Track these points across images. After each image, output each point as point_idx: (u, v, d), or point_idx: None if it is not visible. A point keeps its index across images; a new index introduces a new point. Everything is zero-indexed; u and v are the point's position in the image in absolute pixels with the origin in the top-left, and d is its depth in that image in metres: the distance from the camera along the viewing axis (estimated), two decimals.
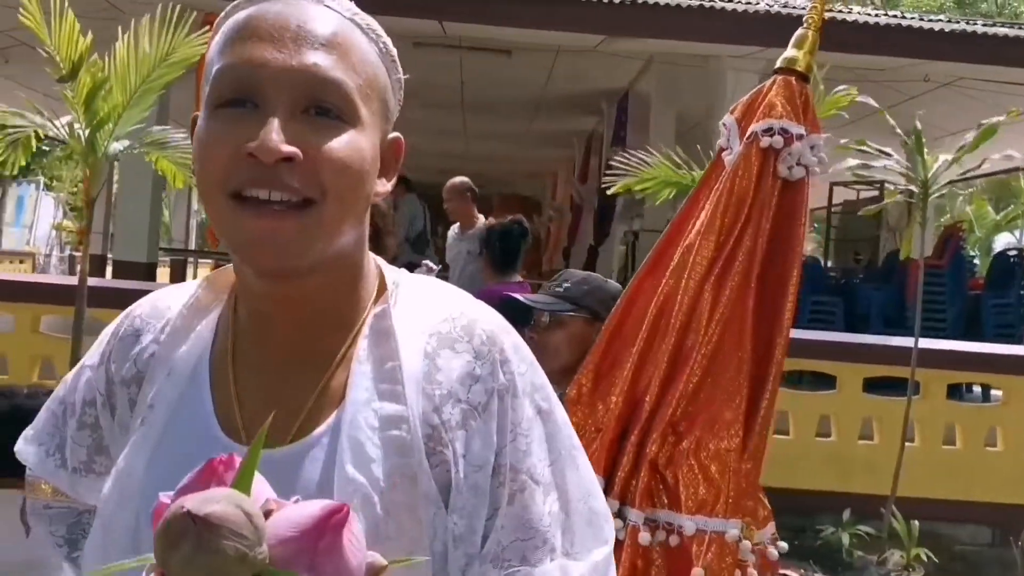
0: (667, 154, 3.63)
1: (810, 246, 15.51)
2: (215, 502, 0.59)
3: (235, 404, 0.83)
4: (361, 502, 0.76)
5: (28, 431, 1.01)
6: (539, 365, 0.89)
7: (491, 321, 0.86)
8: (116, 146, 3.91)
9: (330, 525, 0.61)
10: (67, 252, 19.71)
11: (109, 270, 8.36)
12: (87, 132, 3.77)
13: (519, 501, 0.81)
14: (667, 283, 1.87)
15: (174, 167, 4.17)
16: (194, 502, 0.59)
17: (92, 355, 0.94)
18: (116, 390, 0.90)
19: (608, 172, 3.80)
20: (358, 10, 0.84)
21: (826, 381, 5.56)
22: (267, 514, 0.62)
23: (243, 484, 0.63)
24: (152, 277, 7.45)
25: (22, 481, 2.12)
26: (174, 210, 16.87)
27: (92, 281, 4.21)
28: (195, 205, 20.36)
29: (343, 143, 0.76)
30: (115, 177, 8.64)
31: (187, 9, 3.77)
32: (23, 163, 4.12)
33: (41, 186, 23.48)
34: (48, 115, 3.94)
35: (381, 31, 0.85)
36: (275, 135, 0.73)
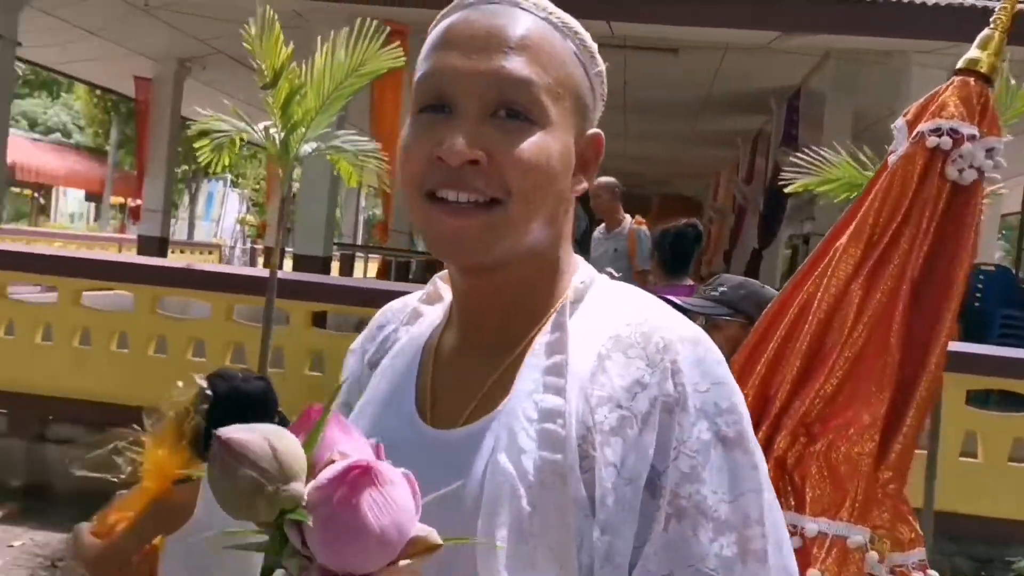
0: (852, 152, 3.46)
1: (997, 254, 14.35)
2: (248, 431, 0.62)
3: (428, 386, 0.88)
4: (508, 493, 0.75)
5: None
6: (737, 389, 0.82)
7: (675, 331, 0.80)
8: (306, 148, 4.17)
9: (347, 479, 0.62)
10: (248, 244, 21.13)
11: (288, 263, 8.90)
12: (282, 135, 4.04)
13: (676, 530, 0.75)
14: (813, 283, 1.83)
15: (351, 168, 4.42)
16: (232, 430, 0.62)
17: (356, 343, 1.04)
18: (365, 372, 0.98)
19: (784, 171, 3.67)
20: (553, 8, 0.84)
21: (1018, 401, 5.15)
22: (329, 463, 0.64)
23: (313, 434, 0.65)
24: (327, 270, 7.89)
25: None
26: (344, 208, 17.74)
27: (280, 274, 4.51)
28: (363, 203, 21.39)
29: (529, 144, 0.78)
30: (294, 176, 9.19)
31: (373, 20, 3.98)
32: (226, 165, 4.48)
33: (228, 183, 25.32)
34: (248, 119, 4.25)
35: (578, 27, 0.85)
36: (460, 140, 0.77)
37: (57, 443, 5.17)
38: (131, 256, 9.85)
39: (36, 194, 24.66)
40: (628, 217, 5.92)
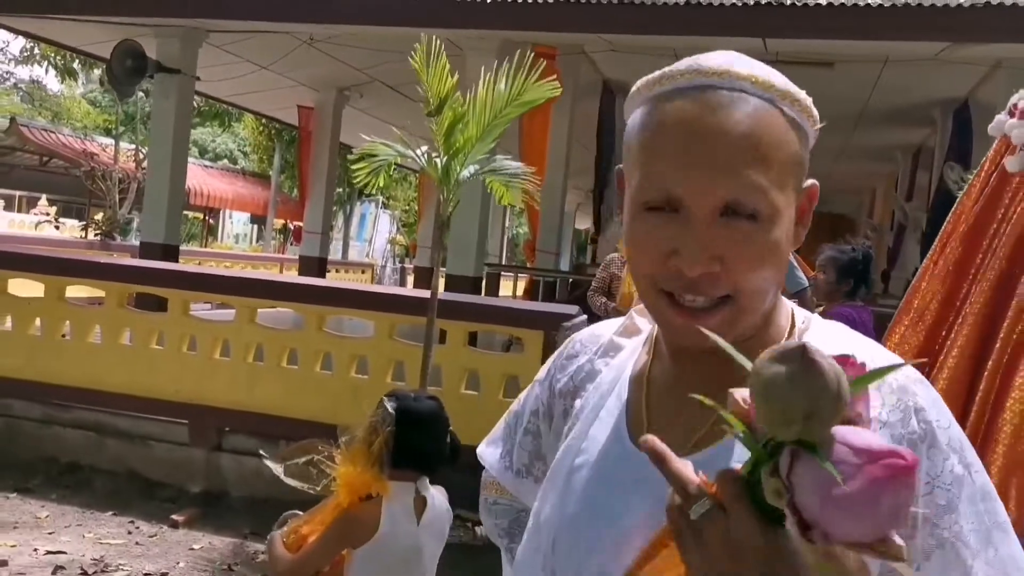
0: None
1: None
2: (830, 356, 0.61)
3: (644, 419, 0.91)
4: None
5: (490, 436, 1.19)
6: (956, 424, 0.84)
7: (905, 373, 0.84)
8: (465, 173, 4.30)
9: (888, 462, 0.59)
10: (398, 264, 21.88)
11: (441, 282, 9.16)
12: (444, 160, 4.18)
13: (939, 559, 0.79)
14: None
15: (503, 188, 4.53)
16: (819, 349, 0.61)
17: (541, 372, 1.09)
18: (555, 402, 1.03)
19: (957, 185, 3.46)
20: (775, 80, 0.84)
21: None
22: (849, 421, 0.62)
23: (860, 382, 0.64)
24: (478, 290, 8.06)
25: (416, 474, 2.40)
26: (491, 227, 18.07)
27: (441, 295, 4.65)
28: (507, 222, 21.76)
29: (758, 245, 0.81)
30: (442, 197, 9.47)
31: (528, 51, 4.08)
32: (381, 186, 4.70)
33: (380, 204, 26.35)
34: (409, 142, 4.44)
35: (795, 91, 0.84)
36: (696, 253, 0.80)
37: (232, 453, 5.52)
38: (300, 277, 10.39)
39: (206, 217, 26.47)
40: None
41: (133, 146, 17.45)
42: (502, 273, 13.95)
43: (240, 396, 5.49)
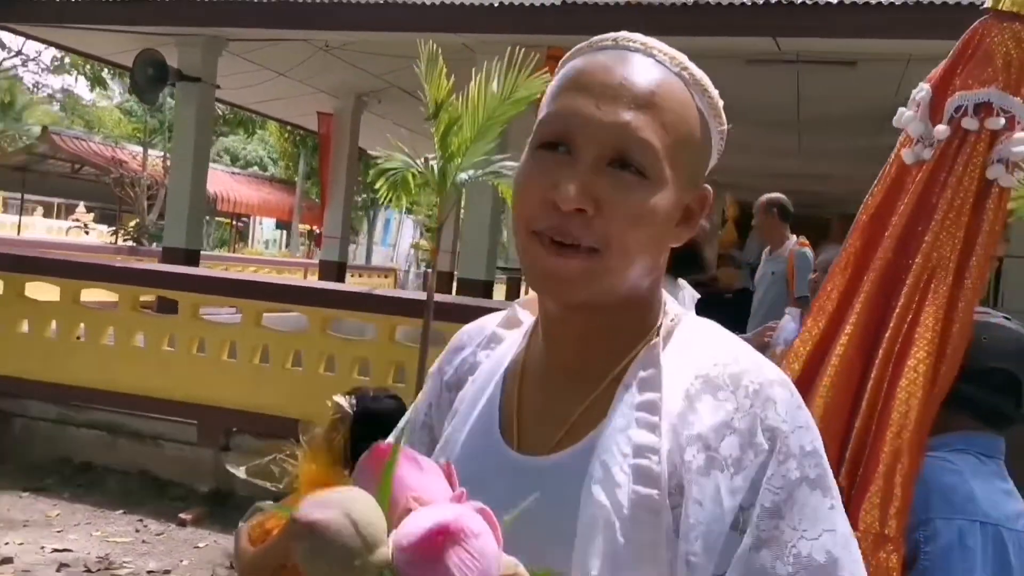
0: None
1: None
2: (326, 507, 0.63)
3: (514, 410, 0.90)
4: (603, 525, 0.78)
5: (395, 431, 1.17)
6: (816, 431, 0.83)
7: (764, 375, 0.82)
8: (463, 176, 4.33)
9: (433, 544, 0.62)
10: (422, 269, 21.99)
11: (455, 286, 9.20)
12: (440, 164, 4.21)
13: (756, 560, 0.77)
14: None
15: (510, 190, 4.52)
16: (308, 506, 0.63)
17: (435, 365, 1.09)
18: (443, 394, 1.02)
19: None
20: (687, 63, 0.85)
21: None
22: (406, 512, 0.64)
23: (384, 484, 0.65)
24: (489, 294, 8.07)
25: None
26: (513, 231, 18.11)
27: (437, 297, 4.68)
28: None
29: (637, 201, 0.79)
30: (462, 202, 9.52)
31: (531, 50, 4.09)
32: (405, 201, 4.71)
33: (403, 210, 26.52)
34: (410, 152, 4.48)
35: (708, 85, 0.86)
36: (572, 187, 0.78)
37: (239, 452, 5.59)
38: (302, 280, 10.47)
39: (235, 222, 26.83)
40: (793, 238, 5.64)
41: (161, 154, 17.74)
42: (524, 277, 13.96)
43: (247, 397, 5.56)
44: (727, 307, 6.09)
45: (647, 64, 0.82)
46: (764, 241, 5.92)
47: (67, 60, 18.61)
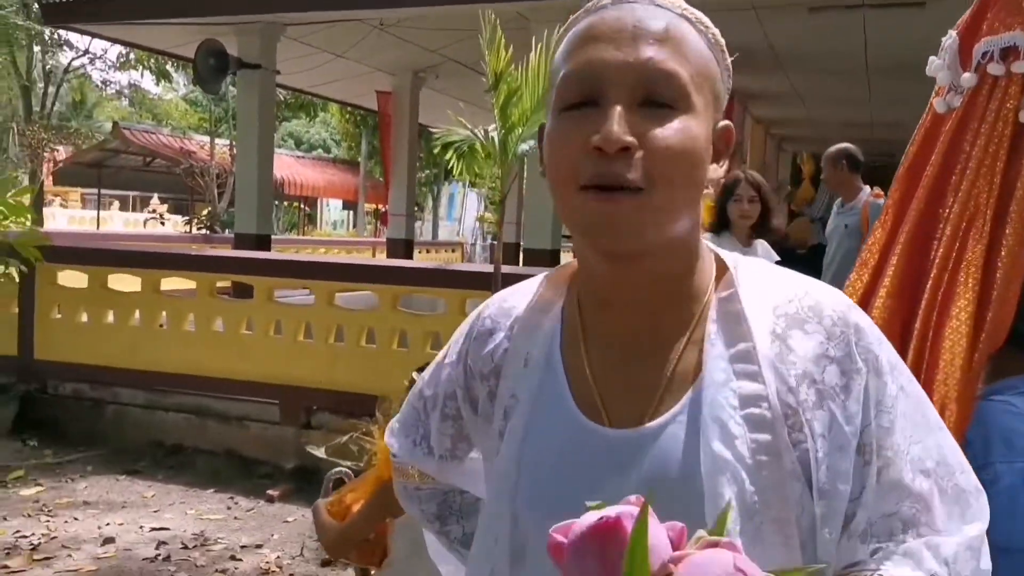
0: None
1: None
2: None
3: (592, 387, 0.88)
4: (729, 478, 0.80)
5: (394, 424, 1.15)
6: (888, 342, 0.88)
7: (839, 301, 0.86)
8: (523, 147, 4.30)
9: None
10: (488, 241, 22.07)
11: (521, 257, 9.21)
12: (501, 135, 4.20)
13: (885, 478, 0.83)
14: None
15: None
16: None
17: (449, 354, 1.04)
18: (475, 384, 0.98)
19: None
20: (686, 6, 0.88)
21: None
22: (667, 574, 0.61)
23: (638, 550, 0.61)
24: (556, 262, 8.06)
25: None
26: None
27: (505, 268, 4.69)
28: None
29: (676, 130, 0.80)
30: (525, 173, 9.50)
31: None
32: (477, 171, 4.70)
33: (467, 184, 26.62)
34: (471, 125, 4.47)
35: (709, 23, 0.88)
36: (616, 126, 0.79)
37: (320, 430, 5.74)
38: (370, 259, 10.58)
39: (303, 206, 27.30)
40: (867, 189, 5.46)
41: (228, 142, 18.12)
42: None
43: (324, 376, 5.69)
44: (798, 264, 5.94)
45: (651, 9, 0.85)
46: (835, 194, 5.76)
47: (132, 56, 19.11)
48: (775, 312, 0.84)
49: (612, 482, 0.82)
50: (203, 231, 16.86)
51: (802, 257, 6.82)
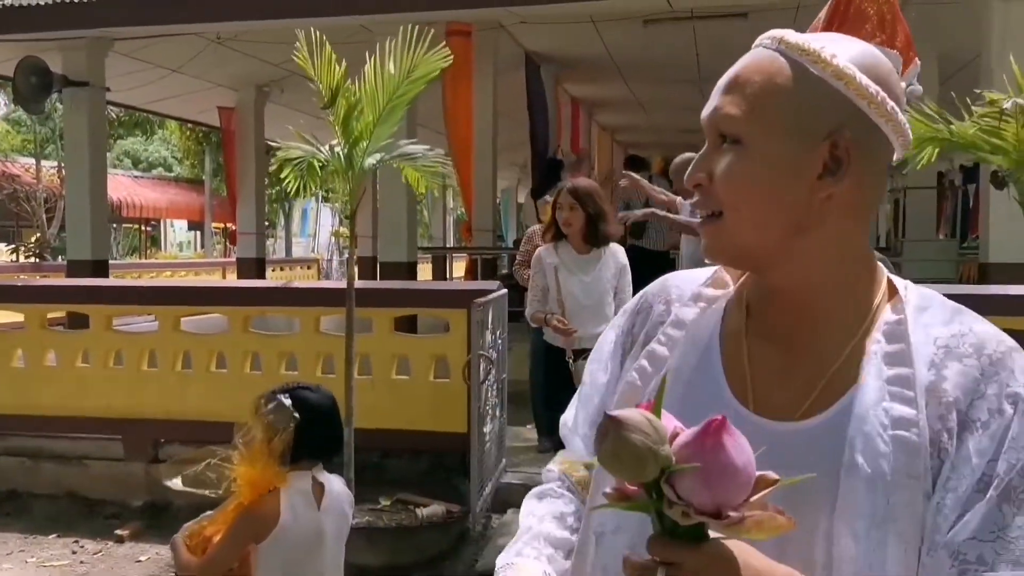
0: (917, 106, 3.25)
1: None
2: (629, 411, 0.77)
3: (747, 375, 0.96)
4: (866, 490, 0.86)
5: (569, 421, 1.12)
6: None
7: (1003, 343, 0.91)
8: (370, 161, 4.26)
9: (712, 429, 0.75)
10: (344, 256, 21.70)
11: (379, 270, 9.11)
12: (345, 150, 4.14)
13: (993, 504, 0.85)
14: None
15: (418, 175, 4.44)
16: (615, 411, 0.77)
17: (615, 325, 1.12)
18: (638, 354, 1.04)
19: None
20: (784, 34, 0.94)
21: None
22: (674, 436, 0.77)
23: (657, 406, 0.79)
24: (413, 275, 8.03)
25: (312, 463, 2.41)
26: (432, 210, 17.96)
27: (359, 283, 4.63)
28: (450, 204, 21.69)
29: (730, 164, 0.92)
30: (377, 187, 9.40)
31: (426, 26, 4.02)
32: (315, 189, 4.60)
33: (320, 199, 26.09)
34: (314, 140, 4.38)
35: (805, 43, 0.93)
36: (692, 169, 0.96)
37: (170, 462, 5.46)
38: (217, 280, 10.23)
39: (145, 228, 25.95)
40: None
41: (56, 164, 17.03)
42: (454, 255, 13.89)
43: (172, 405, 5.43)
44: (656, 263, 6.20)
45: (746, 55, 0.96)
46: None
47: None
48: (936, 343, 0.91)
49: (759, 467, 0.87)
50: (31, 259, 15.72)
51: (658, 255, 7.10)
